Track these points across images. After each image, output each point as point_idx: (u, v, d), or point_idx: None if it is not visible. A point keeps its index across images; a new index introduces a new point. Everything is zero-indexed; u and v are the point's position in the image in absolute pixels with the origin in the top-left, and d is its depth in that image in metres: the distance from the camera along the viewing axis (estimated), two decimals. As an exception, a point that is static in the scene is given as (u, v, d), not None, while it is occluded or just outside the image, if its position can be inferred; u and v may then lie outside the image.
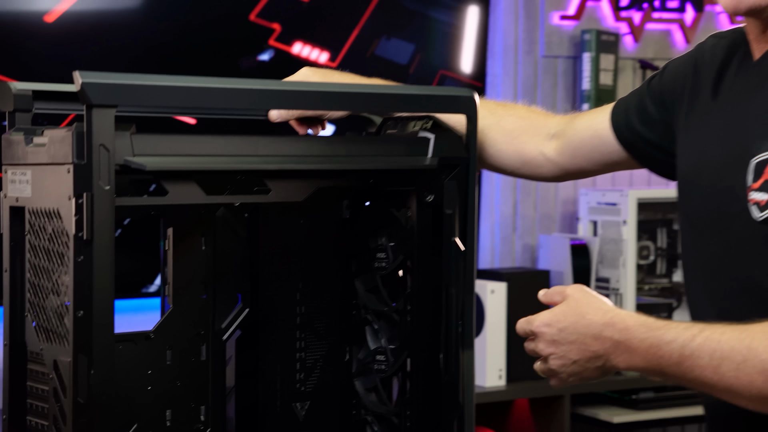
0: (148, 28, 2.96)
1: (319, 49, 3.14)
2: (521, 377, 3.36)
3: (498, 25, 3.50)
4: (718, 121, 1.46)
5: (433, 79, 3.31)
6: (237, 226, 1.55)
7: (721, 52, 1.51)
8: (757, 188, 1.35)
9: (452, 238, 1.55)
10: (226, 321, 1.56)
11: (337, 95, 1.44)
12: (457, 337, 1.57)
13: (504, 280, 3.34)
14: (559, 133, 1.69)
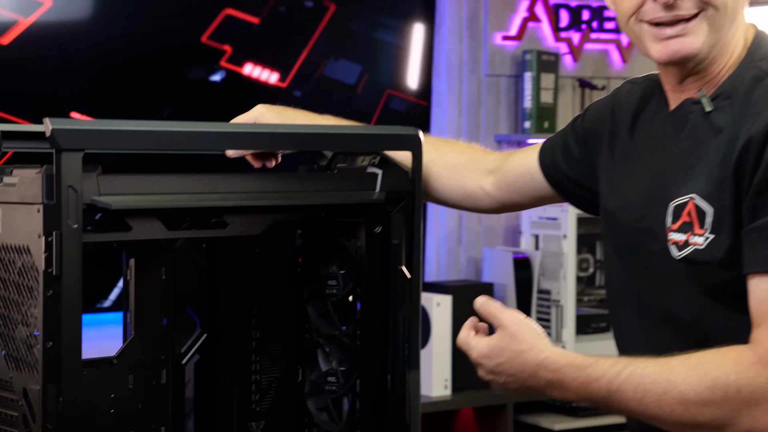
0: (102, 51, 3.02)
1: (269, 70, 3.22)
2: (466, 387, 3.47)
3: (443, 45, 3.60)
4: (638, 165, 1.57)
5: (380, 99, 3.41)
6: (195, 256, 1.63)
7: (635, 98, 1.62)
8: (676, 229, 1.46)
9: (399, 267, 1.65)
10: (185, 346, 1.63)
11: (289, 136, 1.53)
12: (403, 359, 1.67)
13: (449, 293, 3.44)
14: (495, 170, 1.79)
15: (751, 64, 1.46)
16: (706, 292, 1.45)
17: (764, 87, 1.43)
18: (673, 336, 1.49)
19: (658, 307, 1.51)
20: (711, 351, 1.38)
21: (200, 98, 3.14)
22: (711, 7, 1.43)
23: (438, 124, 3.62)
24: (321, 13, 3.27)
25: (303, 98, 3.29)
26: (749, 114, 1.41)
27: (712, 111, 1.46)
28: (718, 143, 1.44)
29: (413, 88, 3.48)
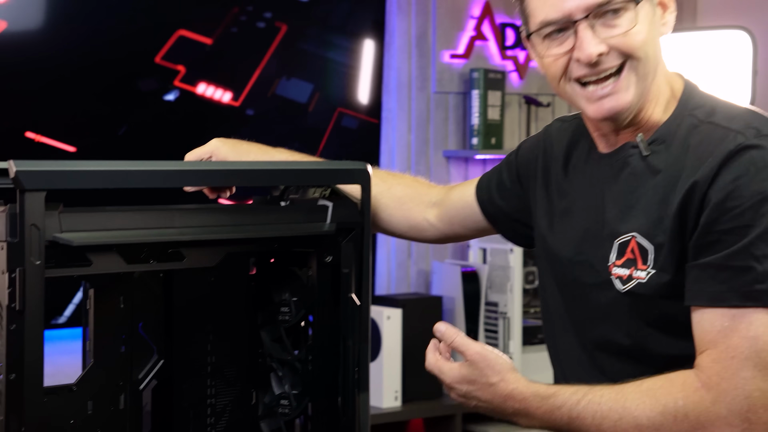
0: (57, 72, 3.06)
1: (222, 89, 3.27)
2: (416, 398, 3.55)
3: (392, 63, 3.68)
4: (575, 202, 1.66)
5: (332, 116, 3.48)
6: (153, 285, 1.69)
7: (566, 135, 1.72)
8: (620, 264, 1.55)
9: (349, 294, 1.72)
10: (143, 372, 1.69)
11: (244, 173, 1.60)
12: (353, 382, 1.74)
13: (399, 306, 3.52)
14: (438, 202, 1.88)
15: (686, 112, 1.56)
16: (647, 322, 1.55)
17: (702, 134, 1.52)
18: (612, 360, 1.59)
19: (598, 335, 1.60)
20: (661, 377, 1.48)
21: (155, 117, 3.19)
22: (633, 58, 1.51)
23: (388, 140, 3.70)
24: (273, 34, 3.33)
25: (256, 117, 3.35)
26: (690, 159, 1.50)
27: (650, 155, 1.55)
28: (656, 184, 1.53)
29: (364, 106, 3.55)
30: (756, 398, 1.42)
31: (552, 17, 1.51)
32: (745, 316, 1.44)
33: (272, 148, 1.87)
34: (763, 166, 1.45)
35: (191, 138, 3.20)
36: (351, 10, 3.49)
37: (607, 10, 1.50)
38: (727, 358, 1.44)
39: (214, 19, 3.24)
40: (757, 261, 1.43)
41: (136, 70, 3.16)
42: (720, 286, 1.45)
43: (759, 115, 1.54)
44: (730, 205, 1.45)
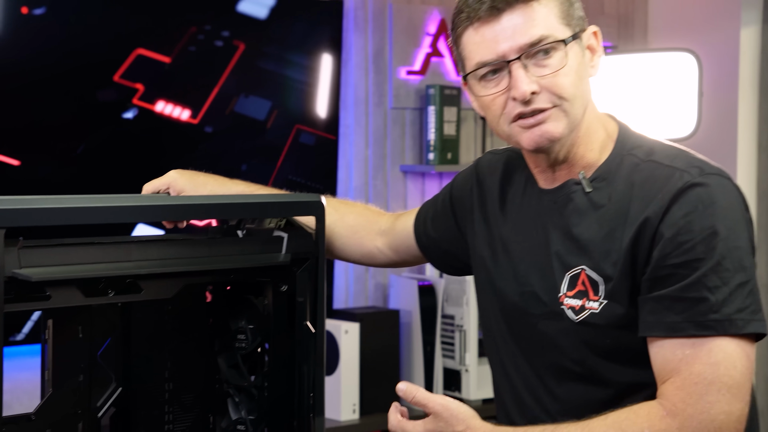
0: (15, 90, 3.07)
1: (181, 107, 3.30)
2: (374, 410, 3.59)
3: (349, 80, 3.72)
4: (517, 236, 1.72)
5: (290, 133, 3.51)
6: (111, 315, 1.72)
7: (498, 167, 1.79)
8: (572, 296, 1.61)
9: (304, 322, 1.76)
10: (101, 399, 1.72)
11: (201, 207, 1.64)
12: (308, 407, 1.78)
13: (357, 320, 3.56)
14: (386, 231, 1.95)
15: (624, 152, 1.63)
16: (598, 351, 1.61)
17: (645, 171, 1.59)
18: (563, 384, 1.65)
19: (548, 361, 1.66)
20: (625, 410, 1.53)
21: (114, 135, 3.21)
22: (563, 100, 1.58)
23: (346, 155, 3.74)
24: (230, 52, 3.36)
25: (214, 134, 3.38)
26: (637, 196, 1.58)
27: (592, 191, 1.62)
28: (601, 219, 1.60)
29: (321, 122, 3.59)
30: (721, 421, 1.49)
31: (487, 59, 1.58)
32: (705, 344, 1.51)
33: (229, 180, 1.91)
34: (710, 203, 1.53)
35: (150, 155, 3.26)
36: (308, 29, 3.53)
37: (538, 50, 1.56)
38: (690, 384, 1.50)
39: (172, 38, 3.27)
40: (710, 292, 1.51)
41: (94, 88, 3.18)
42: (676, 317, 1.52)
43: (694, 155, 1.63)
44: (682, 240, 1.52)
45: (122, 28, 3.19)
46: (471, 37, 1.60)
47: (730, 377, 1.50)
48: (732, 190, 1.57)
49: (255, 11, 3.41)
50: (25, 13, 3.03)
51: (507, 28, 1.56)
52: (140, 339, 1.75)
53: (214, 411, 1.84)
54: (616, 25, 4.29)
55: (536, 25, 1.56)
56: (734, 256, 1.52)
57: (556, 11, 1.57)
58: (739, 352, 1.51)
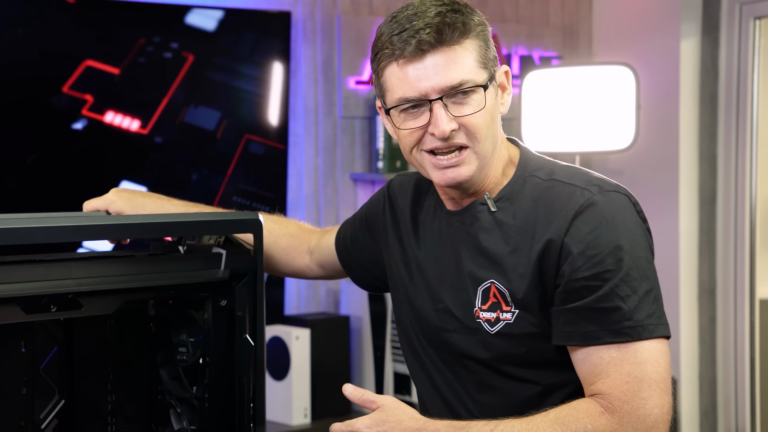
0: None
1: (130, 118, 3.34)
2: (324, 414, 3.65)
3: (299, 90, 3.77)
4: (428, 256, 1.79)
5: (239, 143, 3.56)
6: (53, 330, 1.77)
7: (408, 189, 1.87)
8: (486, 309, 1.69)
9: (243, 335, 1.82)
10: (45, 412, 1.77)
11: (141, 226, 1.69)
12: (249, 417, 1.84)
13: (308, 326, 3.62)
14: (314, 249, 2.04)
15: (526, 174, 1.73)
16: (513, 360, 1.69)
17: (548, 190, 1.69)
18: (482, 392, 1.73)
19: (468, 373, 1.74)
20: (564, 406, 1.61)
21: (63, 145, 3.24)
22: (476, 140, 1.67)
23: (296, 164, 3.79)
24: (180, 63, 3.40)
25: (164, 144, 3.42)
26: (541, 213, 1.67)
27: (497, 211, 1.71)
28: (506, 236, 1.69)
29: (271, 132, 3.64)
30: (656, 414, 1.59)
31: (409, 95, 1.65)
32: (628, 347, 1.60)
33: (167, 200, 1.97)
34: (612, 218, 1.64)
35: (101, 166, 3.29)
36: (257, 39, 3.58)
37: (459, 91, 1.64)
38: (622, 383, 1.59)
39: (121, 49, 3.30)
40: (622, 301, 1.61)
41: (44, 98, 3.21)
42: (592, 326, 1.62)
43: (591, 173, 1.72)
44: (591, 254, 1.62)
45: (71, 39, 3.23)
46: (394, 73, 1.67)
47: (657, 373, 1.60)
48: (629, 205, 1.68)
49: (203, 23, 3.45)
50: (-26, 26, 3.06)
51: (430, 69, 1.64)
52: (83, 353, 1.80)
53: (158, 422, 1.89)
54: (561, 36, 4.37)
55: (458, 68, 1.64)
56: (638, 266, 1.62)
57: (475, 55, 1.66)
58: (660, 349, 1.61)
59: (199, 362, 1.87)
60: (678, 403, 4.16)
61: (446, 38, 1.63)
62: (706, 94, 4.08)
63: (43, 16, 3.19)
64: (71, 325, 1.78)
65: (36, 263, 1.60)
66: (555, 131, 3.68)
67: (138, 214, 1.88)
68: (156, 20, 3.38)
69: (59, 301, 1.65)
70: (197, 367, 1.88)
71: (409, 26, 1.63)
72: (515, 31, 4.26)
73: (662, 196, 4.14)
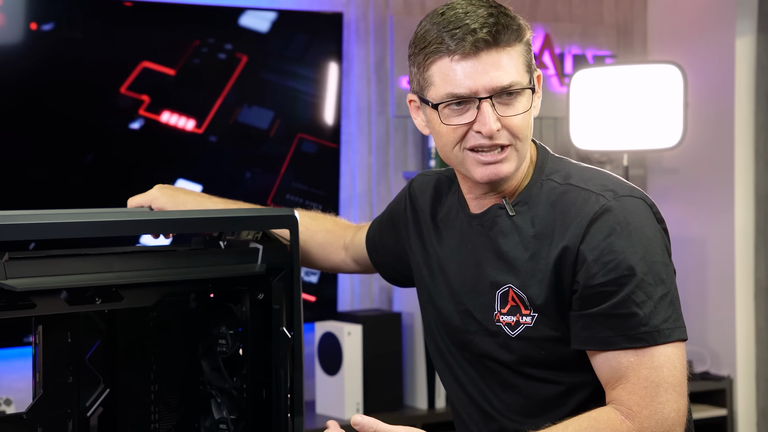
0: (27, 101, 3.20)
1: (185, 117, 3.42)
2: (376, 409, 3.70)
3: (352, 89, 3.83)
4: (449, 258, 1.82)
5: (292, 142, 3.63)
6: (97, 321, 1.84)
7: (429, 188, 1.91)
8: (506, 312, 1.72)
9: (280, 328, 1.87)
10: (90, 400, 1.83)
11: (178, 221, 1.75)
12: (286, 407, 1.89)
13: (359, 322, 3.67)
14: (348, 245, 2.08)
15: (543, 177, 1.75)
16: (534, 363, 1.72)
17: (564, 195, 1.71)
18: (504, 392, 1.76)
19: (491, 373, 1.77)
20: (584, 417, 1.63)
21: (120, 145, 3.33)
22: (518, 140, 1.70)
23: (349, 162, 3.85)
24: (233, 64, 3.48)
25: (218, 143, 3.50)
26: (558, 218, 1.69)
27: (515, 215, 1.73)
28: (525, 241, 1.71)
29: (323, 131, 3.70)
30: (673, 418, 1.62)
31: (459, 92, 1.67)
32: (645, 352, 1.63)
33: (208, 198, 2.03)
34: (626, 224, 1.65)
35: (156, 164, 3.38)
36: (309, 40, 3.64)
37: (507, 92, 1.67)
38: (640, 388, 1.62)
39: (176, 51, 3.38)
40: (638, 307, 1.63)
41: (102, 100, 3.30)
42: (609, 332, 1.64)
43: (607, 175, 1.74)
44: (605, 260, 1.64)
45: (128, 41, 3.32)
46: (444, 68, 1.68)
47: (674, 377, 1.62)
48: (645, 209, 1.69)
49: (256, 25, 3.53)
50: (34, 29, 3.16)
51: (482, 68, 1.66)
52: (126, 343, 1.86)
53: (199, 411, 1.95)
54: (615, 35, 4.37)
55: (508, 70, 1.66)
56: (654, 271, 1.64)
57: (523, 58, 1.69)
58: (676, 353, 1.63)
59: (238, 354, 1.93)
60: (734, 403, 4.13)
61: (501, 39, 1.66)
62: (762, 92, 4.05)
63: (101, 19, 3.29)
64: (115, 317, 1.84)
65: (79, 257, 1.67)
66: (603, 130, 3.69)
67: (178, 210, 1.94)
68: (210, 22, 3.46)
69: (102, 293, 1.71)
70: (236, 359, 1.93)
71: (463, 25, 1.65)
72: (568, 31, 4.27)
73: (717, 194, 4.11)
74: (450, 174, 1.88)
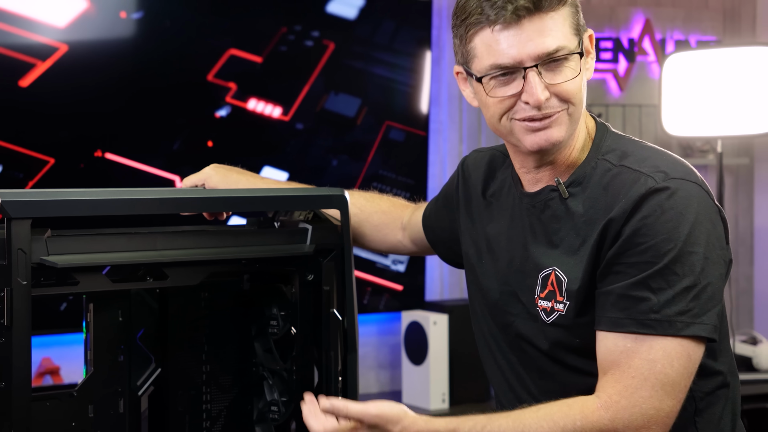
0: (116, 91, 3.25)
1: (272, 105, 3.43)
2: (462, 400, 3.65)
3: (443, 77, 3.78)
4: (499, 236, 1.76)
5: (379, 130, 3.60)
6: (149, 300, 1.84)
7: (482, 164, 1.84)
8: (543, 297, 1.66)
9: (331, 310, 1.85)
10: (141, 379, 1.84)
11: (231, 200, 1.74)
12: (336, 390, 1.86)
13: (446, 312, 3.63)
14: (406, 225, 2.03)
15: (598, 156, 1.66)
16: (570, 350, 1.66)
17: (616, 177, 1.62)
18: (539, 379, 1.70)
19: (529, 358, 1.72)
20: (558, 402, 1.57)
21: (207, 132, 3.36)
22: (570, 104, 1.61)
23: (439, 151, 3.80)
24: (320, 51, 3.47)
25: (305, 131, 3.50)
26: (608, 201, 1.61)
27: (569, 197, 1.66)
28: (576, 227, 1.64)
29: (411, 119, 3.67)
30: (651, 416, 1.53)
31: (503, 62, 1.60)
32: (646, 341, 1.54)
33: (260, 178, 2.02)
34: (669, 208, 1.56)
35: (243, 151, 3.39)
36: (396, 27, 3.61)
37: (553, 59, 1.59)
38: (628, 377, 1.54)
39: (263, 38, 3.40)
40: (653, 293, 1.54)
41: (190, 88, 3.33)
42: (619, 313, 1.56)
43: (666, 156, 1.64)
44: (637, 241, 1.56)
45: (215, 29, 3.34)
46: (487, 39, 1.61)
47: (666, 375, 1.53)
48: (697, 194, 1.58)
49: (344, 11, 3.51)
50: (123, 17, 3.21)
51: (526, 36, 1.59)
52: (177, 322, 1.86)
53: (251, 392, 1.94)
54: (722, 19, 4.21)
55: (554, 35, 1.59)
56: (686, 261, 1.54)
57: (569, 21, 1.61)
58: (680, 351, 1.54)
59: (289, 335, 1.91)
60: None
61: (544, 5, 1.58)
62: None
63: (189, 7, 3.32)
64: (166, 297, 1.85)
65: (122, 235, 1.67)
66: (695, 115, 3.56)
67: (228, 189, 1.93)
68: (297, 9, 3.46)
69: (144, 272, 1.71)
70: (288, 340, 1.91)
71: None
72: (671, 16, 4.14)
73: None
74: (504, 149, 1.82)
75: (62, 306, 3.16)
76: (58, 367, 3.30)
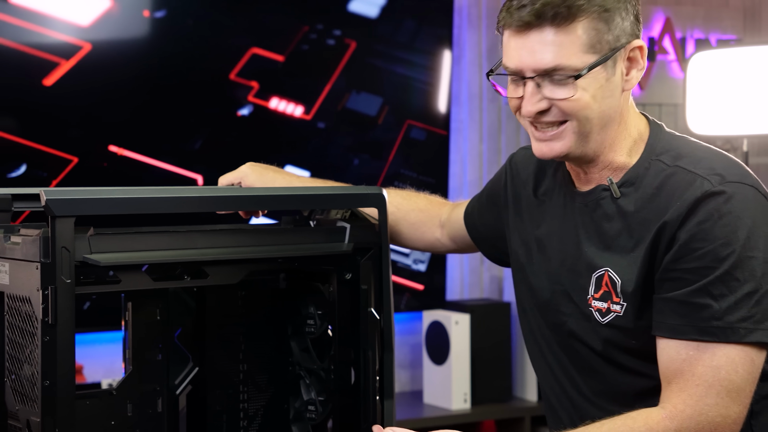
0: (139, 89, 3.25)
1: (294, 104, 3.43)
2: (484, 400, 3.65)
3: (463, 76, 3.77)
4: (550, 235, 1.75)
5: (401, 129, 3.60)
6: (187, 299, 1.84)
7: (532, 161, 1.81)
8: (598, 297, 1.65)
9: (368, 309, 1.84)
10: (179, 378, 1.84)
11: (268, 198, 1.73)
12: (374, 390, 1.86)
13: (467, 311, 3.62)
14: (444, 222, 2.02)
15: (652, 157, 1.63)
16: (626, 351, 1.64)
17: (671, 178, 1.60)
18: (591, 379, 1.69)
19: (581, 358, 1.70)
20: (622, 416, 1.56)
21: (229, 131, 3.36)
22: (573, 118, 1.58)
23: (459, 150, 3.80)
24: (342, 50, 3.47)
25: (326, 129, 3.49)
26: (662, 202, 1.59)
27: (620, 197, 1.63)
28: (629, 227, 1.62)
29: (432, 118, 3.66)
30: (717, 423, 1.52)
31: (509, 65, 1.60)
32: (708, 348, 1.53)
33: (297, 177, 2.01)
34: (726, 212, 1.54)
35: (265, 150, 3.39)
36: (418, 26, 3.61)
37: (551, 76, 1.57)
38: (692, 385, 1.53)
39: (285, 37, 3.39)
40: (714, 299, 1.53)
41: (212, 86, 3.33)
42: (680, 320, 1.55)
43: (722, 158, 1.62)
44: (695, 247, 1.54)
45: (237, 28, 3.34)
46: (504, 38, 1.62)
47: (730, 381, 1.52)
48: (754, 197, 1.57)
49: (366, 10, 3.51)
50: (146, 16, 3.21)
51: (529, 47, 1.56)
52: (215, 321, 1.86)
53: (289, 391, 1.93)
54: (742, 18, 4.21)
55: (555, 52, 1.55)
56: (746, 266, 1.53)
57: (584, 38, 1.56)
58: (743, 357, 1.53)
59: (326, 334, 1.90)
60: None
61: (546, 19, 1.54)
62: None
63: (211, 6, 3.32)
64: (204, 294, 1.84)
65: (163, 233, 1.66)
66: (720, 114, 3.55)
67: (263, 187, 1.93)
68: (319, 8, 3.45)
69: (185, 270, 1.71)
70: (325, 339, 1.91)
71: None
72: (690, 14, 4.13)
73: None
74: None
75: (85, 305, 3.16)
76: (81, 366, 3.30)
